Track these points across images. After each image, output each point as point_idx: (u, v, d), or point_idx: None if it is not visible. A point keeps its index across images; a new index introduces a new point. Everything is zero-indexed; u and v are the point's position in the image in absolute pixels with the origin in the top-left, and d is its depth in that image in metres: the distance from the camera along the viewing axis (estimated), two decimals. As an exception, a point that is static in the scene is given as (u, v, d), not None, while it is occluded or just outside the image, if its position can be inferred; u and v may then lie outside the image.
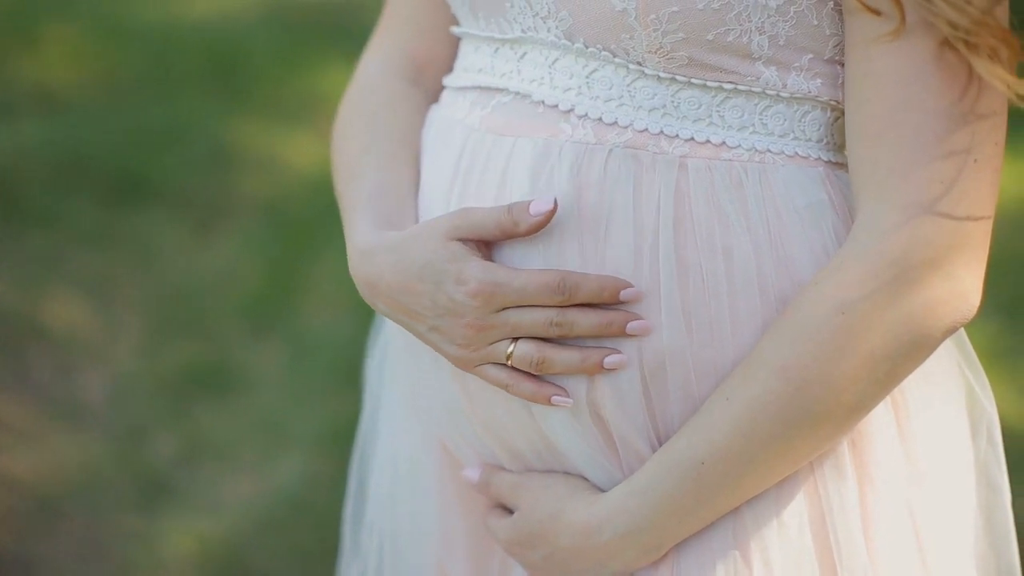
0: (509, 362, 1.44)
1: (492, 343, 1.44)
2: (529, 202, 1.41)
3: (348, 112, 1.66)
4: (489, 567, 1.68)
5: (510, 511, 1.56)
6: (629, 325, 1.41)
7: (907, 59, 1.35)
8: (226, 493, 3.29)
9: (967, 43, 1.32)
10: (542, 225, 1.41)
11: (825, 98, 1.44)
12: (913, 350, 1.37)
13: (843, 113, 1.47)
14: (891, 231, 1.35)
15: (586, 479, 1.51)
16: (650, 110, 1.44)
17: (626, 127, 1.44)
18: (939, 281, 1.36)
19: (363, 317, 3.83)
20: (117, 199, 4.21)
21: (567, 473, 1.51)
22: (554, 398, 1.44)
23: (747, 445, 1.39)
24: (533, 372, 1.44)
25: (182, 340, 3.75)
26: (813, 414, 1.38)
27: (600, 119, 1.44)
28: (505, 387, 1.45)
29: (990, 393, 1.56)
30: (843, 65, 1.44)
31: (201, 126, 4.56)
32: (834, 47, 1.43)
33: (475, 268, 1.42)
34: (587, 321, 1.41)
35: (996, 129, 1.36)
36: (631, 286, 1.41)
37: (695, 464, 1.41)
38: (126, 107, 4.61)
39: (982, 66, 1.32)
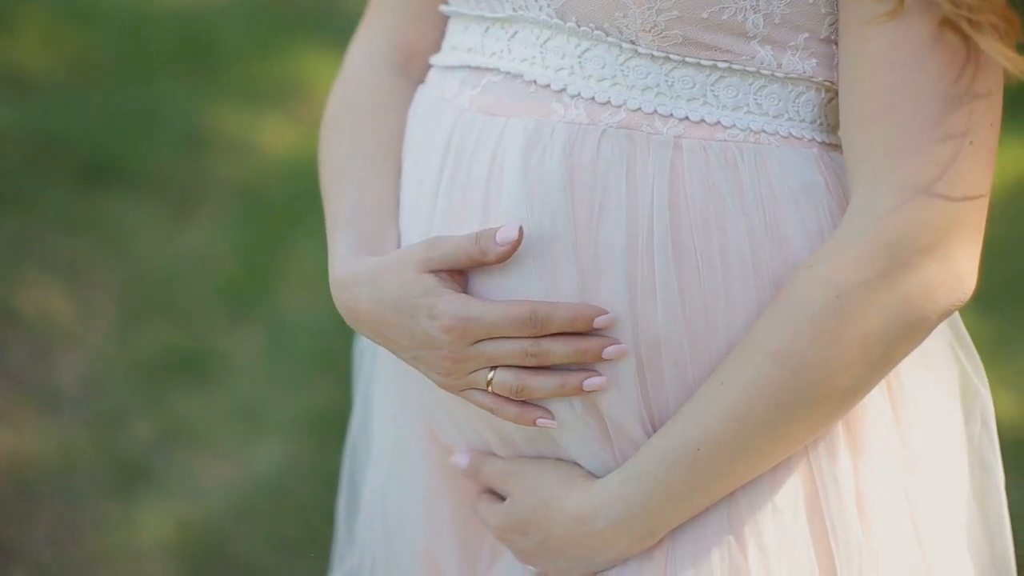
0: (490, 388, 1.44)
1: (471, 372, 1.44)
2: (496, 230, 1.41)
3: (335, 108, 1.65)
4: (478, 553, 1.67)
5: (500, 497, 1.55)
6: (606, 351, 1.41)
7: (903, 40, 1.34)
8: (204, 479, 3.28)
9: (970, 21, 1.31)
10: (510, 254, 1.41)
11: (820, 78, 1.43)
12: (909, 333, 1.37)
13: (837, 94, 1.45)
14: (887, 214, 1.35)
15: (578, 465, 1.49)
16: (643, 89, 1.42)
17: (619, 107, 1.42)
18: (935, 264, 1.35)
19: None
20: (91, 183, 4.18)
21: (559, 459, 1.50)
22: (539, 420, 1.45)
23: (742, 430, 1.38)
24: (514, 399, 1.44)
25: (158, 325, 3.73)
26: (808, 398, 1.37)
27: (593, 99, 1.43)
28: (490, 411, 1.46)
29: (984, 376, 1.55)
30: (838, 45, 1.42)
31: (175, 110, 4.53)
32: (829, 26, 1.42)
33: (447, 304, 1.42)
34: (562, 349, 1.41)
35: (992, 110, 1.35)
36: (605, 313, 1.40)
37: (690, 451, 1.40)
38: (99, 90, 4.58)
39: (986, 43, 1.31)
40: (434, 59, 1.60)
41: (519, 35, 1.47)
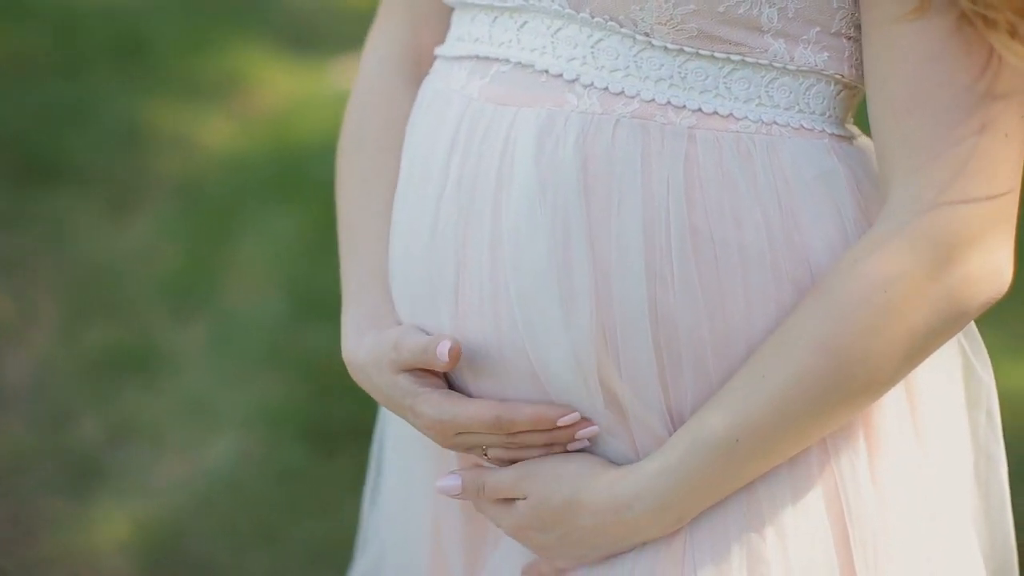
0: (487, 457, 1.50)
1: (466, 449, 1.51)
2: (438, 344, 1.45)
3: (350, 131, 1.70)
4: (483, 531, 1.66)
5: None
6: (579, 433, 1.47)
7: (930, 36, 1.36)
8: (157, 475, 3.25)
9: (985, 19, 1.33)
10: (452, 365, 1.46)
11: (831, 71, 1.45)
12: (950, 326, 1.39)
13: (846, 87, 1.47)
14: (929, 208, 1.36)
15: (593, 455, 1.49)
16: (657, 81, 1.43)
17: (633, 97, 1.43)
18: (977, 257, 1.37)
19: (286, 296, 3.81)
20: (29, 180, 4.13)
21: (569, 453, 1.50)
22: (577, 435, 1.49)
23: (783, 421, 1.39)
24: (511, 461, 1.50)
25: (102, 322, 3.69)
26: (850, 390, 1.39)
27: (607, 89, 1.43)
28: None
29: (988, 365, 1.58)
30: (849, 39, 1.44)
31: (111, 106, 4.49)
32: (840, 20, 1.43)
33: (423, 405, 1.49)
34: (537, 441, 1.47)
35: (1021, 102, 1.37)
36: (570, 412, 1.45)
37: (729, 441, 1.40)
38: (34, 87, 4.52)
39: (1000, 41, 1.33)
40: (439, 50, 1.59)
41: (529, 25, 1.47)
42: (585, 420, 1.47)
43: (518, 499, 1.51)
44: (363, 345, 1.55)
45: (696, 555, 1.46)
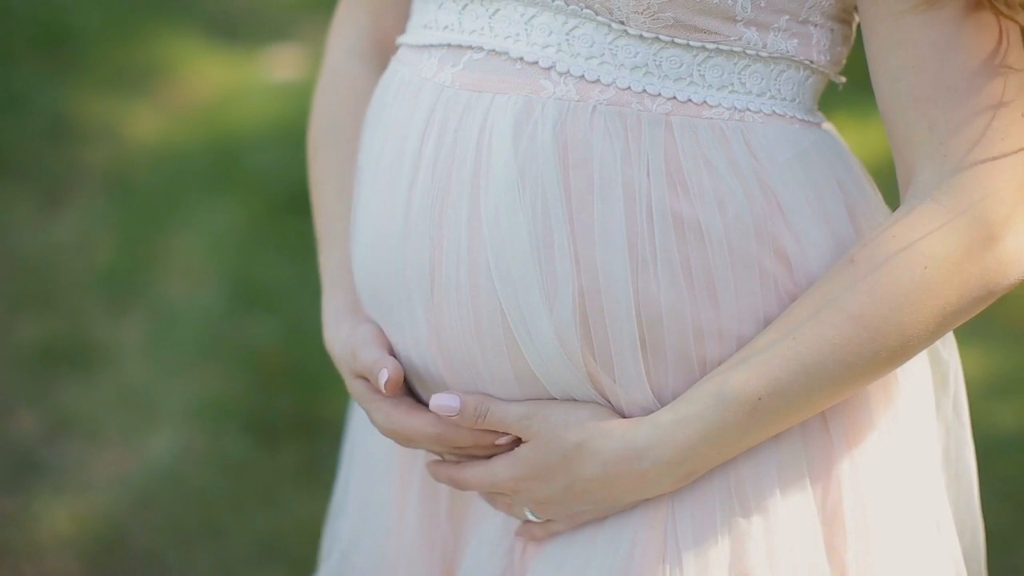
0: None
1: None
2: (380, 369, 1.51)
3: (319, 121, 1.72)
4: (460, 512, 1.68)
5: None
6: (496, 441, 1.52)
7: (943, 25, 1.39)
8: (97, 470, 3.23)
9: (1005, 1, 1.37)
10: (391, 392, 1.52)
11: (801, 57, 1.47)
12: (979, 304, 1.42)
13: (814, 72, 1.50)
14: (968, 188, 1.39)
15: (603, 406, 1.48)
16: (632, 69, 1.44)
17: (609, 85, 1.44)
18: (1011, 236, 1.40)
19: (223, 287, 3.78)
20: (-45, 172, 4.09)
21: (579, 401, 1.49)
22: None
23: (807, 384, 1.41)
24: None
25: (37, 315, 3.65)
26: (880, 359, 1.42)
27: (583, 76, 1.44)
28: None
29: (953, 345, 1.61)
30: (816, 26, 1.47)
31: (38, 96, 4.44)
32: (809, 8, 1.46)
33: (375, 413, 1.55)
34: (480, 453, 1.54)
35: None
36: (506, 436, 1.50)
37: (752, 399, 1.41)
38: (-42, 76, 4.47)
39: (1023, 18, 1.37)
40: (403, 39, 1.59)
41: (501, 13, 1.48)
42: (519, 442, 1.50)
43: (518, 446, 1.50)
44: (338, 338, 1.59)
45: (679, 531, 1.47)
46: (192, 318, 3.66)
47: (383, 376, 1.51)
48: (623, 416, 1.47)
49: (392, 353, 1.55)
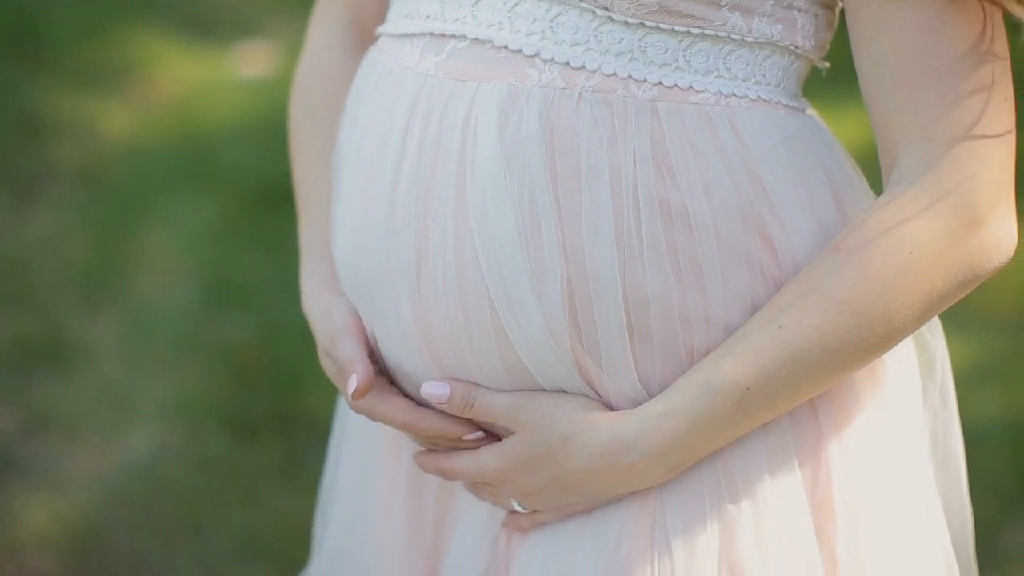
0: None
1: None
2: (351, 372, 1.51)
3: (302, 93, 1.72)
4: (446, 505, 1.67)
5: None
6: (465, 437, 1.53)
7: (927, 10, 1.39)
8: (75, 468, 3.21)
9: None
10: (357, 399, 1.53)
11: (785, 42, 1.47)
12: (964, 288, 1.42)
13: (798, 58, 1.50)
14: (952, 173, 1.39)
15: (591, 400, 1.48)
16: (617, 55, 1.43)
17: (594, 71, 1.43)
18: (995, 222, 1.41)
19: (198, 284, 3.77)
20: (-74, 170, 4.07)
21: (568, 393, 1.48)
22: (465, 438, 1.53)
23: (795, 370, 1.41)
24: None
25: (11, 313, 3.64)
26: (867, 346, 1.41)
27: (567, 63, 1.44)
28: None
29: (939, 331, 1.61)
30: (799, 11, 1.47)
31: (9, 94, 4.42)
32: None
33: (348, 387, 1.53)
34: (445, 445, 1.55)
35: (1009, 68, 1.42)
36: (475, 431, 1.51)
37: (740, 389, 1.41)
38: (-72, 75, 4.45)
39: (1017, 8, 1.38)
40: (383, 28, 1.59)
41: (484, 1, 1.47)
42: (491, 437, 1.50)
43: (506, 437, 1.50)
44: (316, 309, 1.61)
45: (668, 520, 1.47)
46: (167, 315, 3.65)
47: (352, 384, 1.51)
48: (611, 407, 1.47)
49: (368, 342, 1.56)
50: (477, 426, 1.51)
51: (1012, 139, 1.41)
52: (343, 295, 1.59)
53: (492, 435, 1.52)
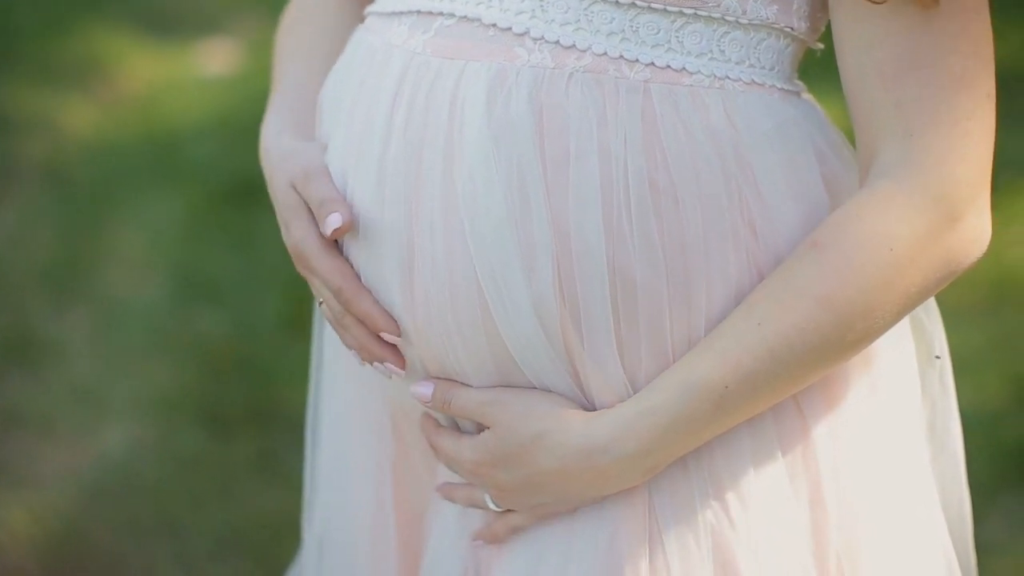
0: (322, 307, 1.52)
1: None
2: (329, 212, 1.46)
3: (291, 16, 1.72)
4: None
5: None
6: (389, 366, 1.50)
7: (912, 4, 1.36)
8: (49, 466, 3.19)
9: None
10: (335, 237, 1.47)
11: (781, 24, 1.45)
12: (942, 283, 1.41)
13: (794, 40, 1.48)
14: (932, 168, 1.38)
15: (563, 396, 1.46)
16: (608, 35, 1.41)
17: (585, 51, 1.41)
18: (973, 216, 1.40)
19: (168, 280, 3.75)
20: None
21: (541, 389, 1.47)
22: (384, 364, 1.50)
23: (774, 370, 1.39)
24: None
25: (-21, 311, 3.62)
26: (846, 342, 1.40)
27: (558, 42, 1.42)
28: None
29: (937, 315, 1.61)
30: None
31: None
32: None
33: (294, 232, 1.50)
34: (356, 335, 1.50)
35: (992, 64, 1.40)
36: (393, 331, 1.47)
37: (718, 387, 1.39)
38: None
39: None
40: (372, 7, 1.57)
41: None
42: (398, 360, 1.49)
43: (482, 432, 1.48)
44: (279, 145, 1.57)
45: (659, 516, 1.46)
46: (137, 311, 3.63)
47: (335, 220, 1.46)
48: (593, 401, 1.45)
49: None
50: (393, 329, 1.48)
51: (992, 135, 1.40)
52: (315, 143, 1.56)
53: (399, 359, 1.50)
